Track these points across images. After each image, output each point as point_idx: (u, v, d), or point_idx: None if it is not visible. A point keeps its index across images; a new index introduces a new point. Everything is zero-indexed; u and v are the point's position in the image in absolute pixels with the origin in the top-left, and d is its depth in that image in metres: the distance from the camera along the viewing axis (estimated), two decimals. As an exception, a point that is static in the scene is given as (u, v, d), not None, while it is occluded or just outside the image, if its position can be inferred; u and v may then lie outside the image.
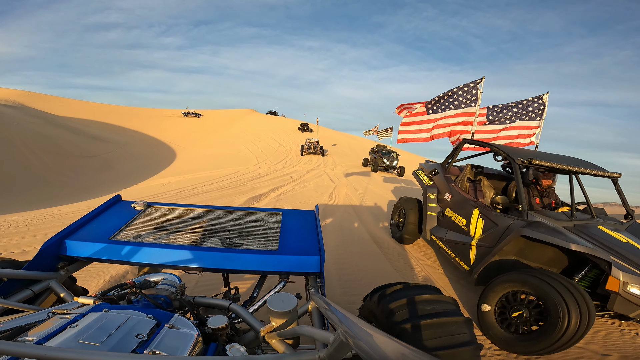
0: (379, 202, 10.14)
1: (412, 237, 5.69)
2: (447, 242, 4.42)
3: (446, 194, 4.76)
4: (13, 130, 21.07)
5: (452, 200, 4.61)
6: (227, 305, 1.64)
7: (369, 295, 2.06)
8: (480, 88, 6.10)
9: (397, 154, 21.95)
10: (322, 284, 1.90)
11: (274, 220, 2.49)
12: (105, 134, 31.59)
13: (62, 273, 1.83)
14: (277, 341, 1.26)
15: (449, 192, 4.73)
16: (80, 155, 22.25)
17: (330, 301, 1.27)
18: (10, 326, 1.06)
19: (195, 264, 1.89)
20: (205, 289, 3.70)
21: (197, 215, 2.52)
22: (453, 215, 4.44)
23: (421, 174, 5.80)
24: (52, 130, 25.15)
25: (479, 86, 6.11)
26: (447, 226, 4.56)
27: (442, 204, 4.88)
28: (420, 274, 4.76)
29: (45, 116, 30.81)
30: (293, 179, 13.93)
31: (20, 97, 44.75)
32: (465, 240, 4.05)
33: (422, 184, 5.56)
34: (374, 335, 0.85)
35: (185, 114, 57.71)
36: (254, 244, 2.06)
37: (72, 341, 0.92)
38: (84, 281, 3.70)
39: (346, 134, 59.18)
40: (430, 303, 1.74)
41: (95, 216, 2.28)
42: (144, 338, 1.00)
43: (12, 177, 15.37)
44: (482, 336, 3.34)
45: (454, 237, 4.30)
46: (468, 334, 1.62)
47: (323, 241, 2.13)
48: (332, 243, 5.70)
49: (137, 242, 1.98)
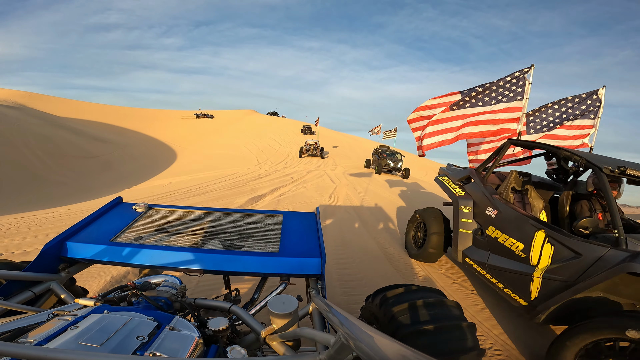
0: (379, 202, 10.13)
1: (435, 255, 4.89)
2: (490, 268, 3.64)
3: (489, 209, 3.88)
4: (14, 130, 21.09)
5: (499, 218, 3.72)
6: (227, 307, 1.64)
7: (370, 296, 2.06)
8: (528, 78, 5.08)
9: (402, 154, 21.08)
10: (323, 285, 1.90)
11: (274, 222, 2.50)
12: (105, 134, 31.62)
13: (63, 275, 1.83)
14: (277, 343, 1.26)
15: (493, 206, 3.84)
16: (81, 155, 22.27)
17: (331, 303, 1.27)
18: (11, 327, 1.06)
19: (196, 265, 1.89)
20: (205, 291, 3.70)
21: (197, 217, 2.52)
22: (501, 236, 3.60)
23: (447, 182, 4.94)
24: (53, 131, 25.17)
25: (527, 76, 5.09)
26: (490, 248, 3.75)
27: (480, 220, 4.05)
28: (420, 274, 4.75)
29: (46, 117, 30.84)
30: (293, 180, 13.93)
31: (21, 98, 44.80)
32: (521, 269, 3.25)
33: (450, 194, 4.68)
34: (375, 337, 0.85)
35: (198, 115, 57.20)
36: (255, 246, 2.06)
37: (73, 343, 0.92)
38: (84, 282, 3.71)
39: (346, 134, 59.23)
40: (433, 307, 1.73)
41: (96, 218, 2.28)
42: (145, 340, 1.00)
43: (13, 177, 15.39)
44: (485, 340, 3.34)
45: (502, 263, 3.50)
46: (471, 339, 1.62)
47: (324, 243, 2.13)
48: (332, 243, 5.70)
49: (138, 244, 1.98)
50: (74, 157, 21.32)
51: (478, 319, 3.70)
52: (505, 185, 4.14)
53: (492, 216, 3.82)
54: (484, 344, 3.26)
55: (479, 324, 3.60)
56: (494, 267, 3.59)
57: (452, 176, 4.96)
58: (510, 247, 3.45)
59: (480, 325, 3.56)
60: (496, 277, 3.56)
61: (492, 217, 3.81)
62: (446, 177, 5.08)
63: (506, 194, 4.05)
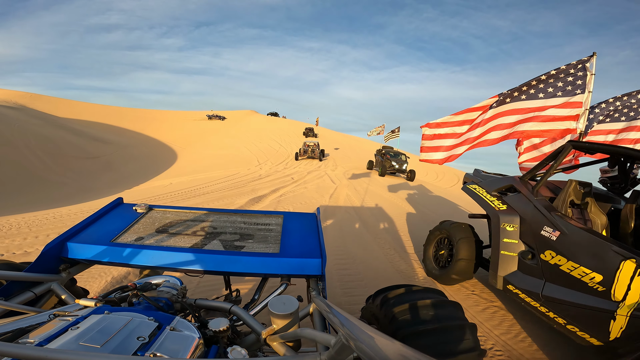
0: (380, 203, 10.13)
1: (463, 277, 4.18)
2: (546, 299, 3.03)
3: (546, 229, 3.13)
4: (14, 131, 21.11)
5: (562, 241, 3.01)
6: (228, 307, 1.64)
7: (371, 297, 2.05)
8: (591, 69, 4.23)
9: (407, 156, 20.07)
10: (324, 286, 1.90)
11: (275, 222, 2.50)
12: (106, 135, 31.65)
13: (64, 275, 1.83)
14: (278, 344, 1.26)
15: (553, 225, 3.09)
16: (81, 156, 22.29)
17: (332, 303, 1.27)
18: (12, 328, 1.06)
19: (196, 266, 1.89)
20: (206, 292, 3.70)
21: (198, 218, 2.52)
22: (565, 264, 2.95)
23: (481, 192, 4.13)
24: (54, 132, 25.20)
25: (589, 66, 4.24)
26: (547, 276, 3.10)
27: (531, 241, 3.36)
28: (421, 275, 4.75)
29: (47, 117, 30.89)
30: (294, 180, 13.93)
31: (21, 99, 44.88)
32: (597, 304, 2.68)
33: (487, 207, 3.89)
34: (375, 338, 0.85)
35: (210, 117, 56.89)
36: (255, 247, 2.07)
37: (73, 343, 0.92)
38: (85, 282, 3.71)
39: (346, 134, 59.21)
40: (434, 307, 1.73)
41: (97, 219, 2.28)
42: (145, 340, 1.00)
43: (13, 178, 15.40)
44: (485, 340, 3.34)
45: (566, 295, 2.90)
46: (472, 340, 1.62)
47: (324, 243, 2.13)
48: (333, 244, 5.70)
49: (138, 244, 1.99)
50: (75, 158, 21.34)
51: (479, 319, 3.69)
52: (562, 198, 3.42)
53: (551, 238, 3.08)
54: (484, 344, 3.26)
55: (479, 324, 3.59)
56: (553, 300, 2.97)
57: (486, 185, 4.20)
58: (581, 278, 2.80)
59: (481, 326, 3.56)
60: (555, 310, 2.95)
61: (552, 239, 3.07)
62: (478, 186, 4.27)
63: (564, 209, 3.35)
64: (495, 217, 3.65)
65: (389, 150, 21.15)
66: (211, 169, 17.55)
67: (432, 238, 4.72)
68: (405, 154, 20.47)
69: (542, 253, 3.16)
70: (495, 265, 3.57)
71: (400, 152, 20.39)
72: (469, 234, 4.15)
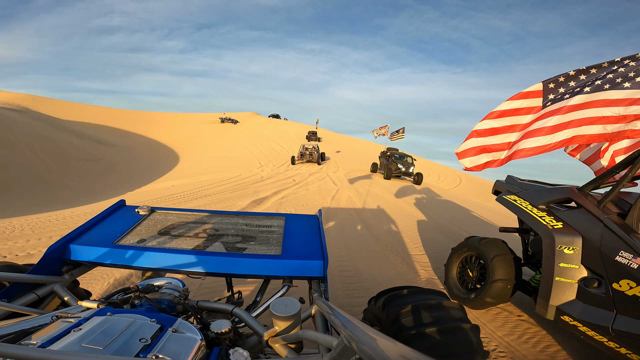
0: (382, 204, 10.11)
1: (500, 300, 3.55)
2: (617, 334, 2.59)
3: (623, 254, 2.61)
4: (17, 133, 21.23)
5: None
6: (230, 309, 1.64)
7: (373, 298, 2.05)
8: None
9: (413, 158, 18.99)
10: (326, 288, 1.90)
11: (277, 224, 2.50)
12: (108, 137, 31.78)
13: (67, 277, 1.84)
14: (280, 345, 1.26)
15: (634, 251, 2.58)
16: (84, 158, 22.38)
17: (334, 305, 1.27)
18: (14, 329, 1.06)
19: (198, 268, 1.89)
20: (208, 294, 3.71)
21: (200, 220, 2.52)
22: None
23: (526, 206, 3.51)
24: (57, 134, 25.32)
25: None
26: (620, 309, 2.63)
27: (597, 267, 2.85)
28: (423, 276, 4.74)
29: (50, 120, 31.05)
30: (295, 182, 13.94)
31: (24, 101, 45.14)
32: None
33: (535, 223, 3.26)
34: (377, 340, 0.84)
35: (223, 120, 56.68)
36: (257, 249, 2.07)
37: (76, 345, 0.92)
38: (88, 284, 3.72)
39: (348, 136, 59.25)
40: (436, 309, 1.72)
41: (99, 221, 2.29)
42: (148, 342, 1.00)
43: (16, 180, 15.47)
44: (488, 342, 3.32)
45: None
46: (475, 341, 1.61)
47: (326, 245, 2.13)
48: (334, 246, 5.69)
49: (140, 246, 1.99)
50: (77, 160, 21.43)
51: (482, 320, 3.68)
52: (636, 215, 2.79)
53: (630, 265, 2.58)
54: (487, 345, 3.24)
55: (482, 325, 3.58)
56: (628, 335, 2.52)
57: (531, 196, 3.57)
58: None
59: (484, 327, 3.54)
60: (629, 347, 2.55)
61: (632, 266, 2.57)
62: (519, 198, 3.68)
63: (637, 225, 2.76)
64: (549, 237, 3.04)
65: (394, 152, 20.23)
66: (213, 171, 17.59)
67: (455, 257, 4.14)
68: (411, 156, 19.46)
69: (615, 282, 2.66)
70: (546, 293, 3.03)
71: (406, 154, 19.47)
72: (505, 251, 3.63)
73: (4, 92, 51.86)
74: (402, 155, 19.01)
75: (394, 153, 19.50)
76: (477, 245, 3.81)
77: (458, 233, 7.18)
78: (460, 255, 4.10)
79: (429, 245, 6.15)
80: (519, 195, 3.73)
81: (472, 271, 3.90)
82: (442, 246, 6.07)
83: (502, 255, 3.56)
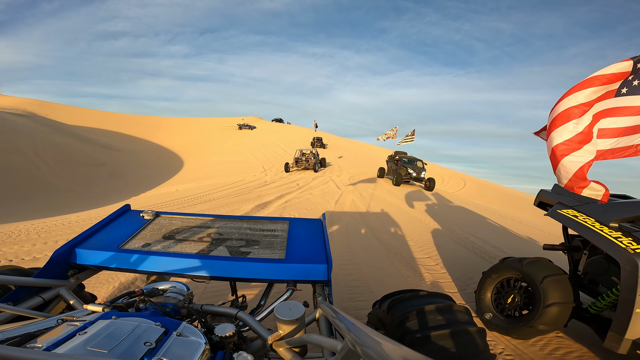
0: (385, 208, 10.09)
1: (555, 326, 3.11)
2: None
3: None
4: (24, 138, 21.47)
5: None
6: (234, 313, 1.64)
7: (378, 302, 2.04)
8: None
9: (424, 162, 17.88)
10: (330, 291, 1.89)
11: (280, 229, 2.50)
12: (113, 142, 32.05)
13: (72, 281, 1.85)
14: (284, 349, 1.26)
15: None
16: (89, 163, 22.57)
17: (338, 309, 1.26)
18: (20, 332, 1.07)
19: (203, 272, 1.90)
20: (212, 297, 3.71)
21: (204, 224, 2.53)
22: None
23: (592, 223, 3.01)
24: (62, 139, 25.58)
25: None
26: None
27: None
28: (428, 279, 4.71)
29: (55, 125, 31.38)
30: (299, 186, 13.95)
31: (30, 106, 45.66)
32: None
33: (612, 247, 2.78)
34: (382, 343, 0.84)
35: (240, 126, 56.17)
36: (261, 253, 2.07)
37: (81, 348, 0.93)
38: (93, 288, 3.74)
39: (351, 140, 59.29)
40: (442, 312, 1.71)
41: (104, 225, 2.30)
42: (152, 346, 1.00)
43: (22, 185, 15.62)
44: (495, 345, 3.29)
45: None
46: (481, 344, 1.60)
47: (330, 249, 2.12)
48: (339, 249, 5.68)
49: (145, 250, 2.00)
50: (83, 165, 21.60)
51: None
52: None
53: None
54: (494, 349, 3.21)
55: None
56: None
57: (596, 212, 3.07)
58: None
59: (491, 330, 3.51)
60: None
61: None
62: (579, 213, 3.18)
63: None
64: (630, 263, 2.62)
65: (403, 155, 18.71)
66: (217, 176, 17.66)
67: (489, 281, 3.66)
68: (421, 160, 18.11)
69: None
70: (621, 325, 2.67)
71: (416, 159, 18.01)
72: (556, 271, 3.22)
73: (10, 97, 52.54)
74: (411, 159, 17.76)
75: (403, 157, 18.21)
76: (518, 266, 3.37)
77: (463, 236, 7.14)
78: (495, 279, 3.62)
79: (433, 249, 6.12)
80: (579, 209, 3.21)
81: (516, 296, 3.42)
82: (447, 249, 6.04)
83: (554, 276, 3.14)
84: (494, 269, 3.65)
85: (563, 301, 3.03)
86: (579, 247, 3.47)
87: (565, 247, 3.58)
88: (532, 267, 3.28)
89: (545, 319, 3.04)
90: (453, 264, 5.39)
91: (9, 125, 23.23)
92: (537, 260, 3.37)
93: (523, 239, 7.78)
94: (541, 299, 3.09)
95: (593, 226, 2.96)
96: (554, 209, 3.46)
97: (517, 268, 3.39)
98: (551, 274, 3.16)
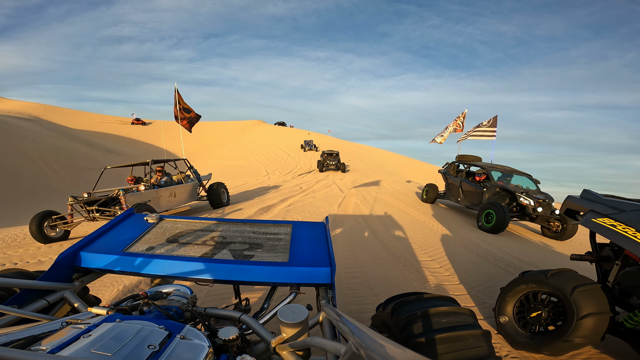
0: (389, 211, 10.06)
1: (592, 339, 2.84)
2: None
3: None
4: (29, 143, 21.67)
5: None
6: (237, 316, 1.64)
7: (381, 305, 2.03)
8: None
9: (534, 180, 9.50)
10: (333, 295, 1.89)
11: (284, 232, 2.50)
12: (118, 146, 32.26)
13: (77, 284, 1.86)
14: (288, 352, 1.25)
15: None
16: (94, 167, 22.69)
17: (342, 312, 1.26)
18: (25, 335, 1.07)
19: (206, 275, 1.90)
20: (216, 300, 3.71)
21: (207, 227, 2.54)
22: None
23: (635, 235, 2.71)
24: (67, 143, 25.78)
25: None
26: None
27: None
28: (432, 282, 4.68)
29: (60, 129, 31.66)
30: (302, 190, 13.95)
31: (36, 110, 46.12)
32: None
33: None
34: (386, 346, 0.83)
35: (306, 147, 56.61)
36: (265, 256, 2.07)
37: (85, 351, 0.93)
38: (98, 291, 3.75)
39: (355, 143, 59.25)
40: (447, 315, 1.70)
41: (109, 229, 2.32)
42: (156, 349, 1.00)
43: (28, 189, 15.74)
44: (500, 348, 3.26)
45: None
46: (486, 347, 1.58)
47: (333, 252, 2.12)
48: (342, 252, 5.66)
49: (149, 254, 2.01)
50: (87, 169, 21.74)
51: (494, 326, 3.61)
52: None
53: None
54: (500, 351, 3.18)
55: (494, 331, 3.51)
56: None
57: (632, 220, 2.81)
58: None
59: (496, 333, 3.48)
60: None
61: None
62: (618, 222, 2.91)
63: None
64: None
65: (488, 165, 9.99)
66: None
67: (509, 297, 3.39)
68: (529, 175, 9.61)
69: None
70: None
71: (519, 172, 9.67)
72: (586, 281, 2.99)
73: (16, 102, 53.08)
74: (508, 172, 9.70)
75: (488, 167, 9.67)
76: (543, 279, 3.14)
77: (473, 241, 7.10)
78: (516, 294, 3.36)
79: (438, 252, 6.09)
80: (616, 218, 2.95)
81: (542, 311, 3.17)
82: (454, 252, 6.01)
83: (585, 286, 2.90)
84: (514, 283, 3.40)
85: (599, 311, 2.80)
86: (609, 257, 3.26)
87: (595, 257, 3.34)
88: (558, 279, 3.06)
89: (582, 332, 2.81)
90: (465, 270, 5.37)
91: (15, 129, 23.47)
92: (562, 271, 3.16)
93: (530, 241, 7.73)
94: (573, 311, 2.86)
95: (635, 237, 2.71)
96: (587, 217, 3.18)
97: (541, 281, 3.16)
98: (581, 284, 2.93)
